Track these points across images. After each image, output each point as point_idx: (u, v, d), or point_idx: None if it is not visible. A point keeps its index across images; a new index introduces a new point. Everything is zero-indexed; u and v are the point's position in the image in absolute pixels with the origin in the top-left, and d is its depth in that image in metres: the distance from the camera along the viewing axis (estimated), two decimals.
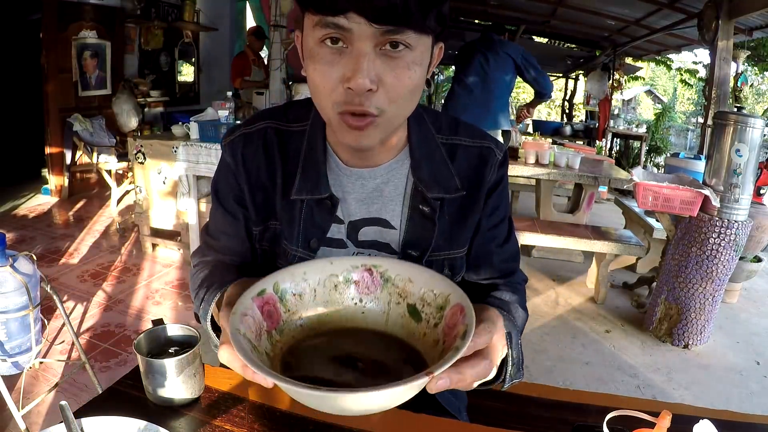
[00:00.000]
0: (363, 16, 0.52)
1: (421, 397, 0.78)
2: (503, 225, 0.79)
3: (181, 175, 2.87)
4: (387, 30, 0.53)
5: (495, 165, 0.75)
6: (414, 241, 0.73)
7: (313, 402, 0.45)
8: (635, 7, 4.41)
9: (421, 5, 0.53)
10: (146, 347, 0.67)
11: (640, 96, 17.66)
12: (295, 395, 0.45)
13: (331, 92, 0.58)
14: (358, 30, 0.53)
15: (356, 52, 0.55)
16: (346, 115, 0.58)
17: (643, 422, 0.57)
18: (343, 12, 0.53)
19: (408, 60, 0.56)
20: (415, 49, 0.56)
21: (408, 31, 0.54)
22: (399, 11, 0.52)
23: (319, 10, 0.54)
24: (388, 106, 0.58)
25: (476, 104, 3.47)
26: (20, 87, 4.73)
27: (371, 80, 0.55)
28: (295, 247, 0.74)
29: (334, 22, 0.53)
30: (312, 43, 0.57)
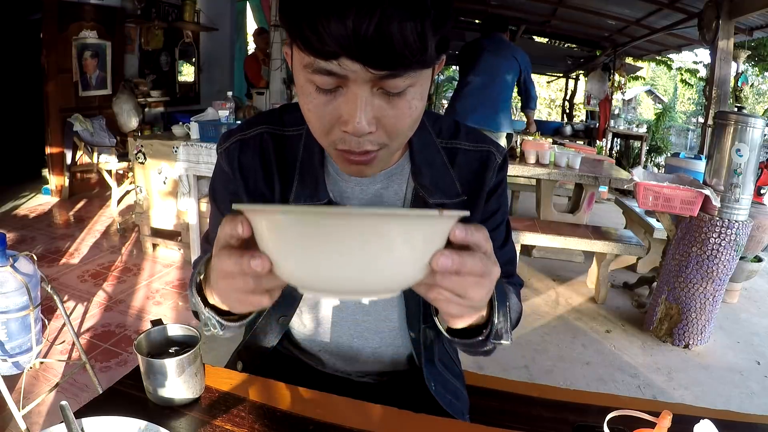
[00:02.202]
0: (358, 62, 0.47)
1: (422, 398, 0.78)
2: (501, 228, 0.79)
3: (182, 175, 2.87)
4: (385, 74, 0.49)
5: (495, 169, 0.75)
6: None
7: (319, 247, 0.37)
8: (635, 7, 4.41)
9: (421, 40, 0.47)
10: (146, 347, 0.67)
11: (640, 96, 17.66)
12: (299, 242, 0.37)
13: (327, 133, 0.55)
14: (352, 75, 0.49)
15: (352, 94, 0.50)
16: (344, 152, 0.56)
17: (643, 422, 0.57)
18: (335, 57, 0.47)
19: (409, 97, 0.53)
20: (416, 84, 0.52)
21: (409, 71, 0.50)
22: (397, 51, 0.46)
23: (307, 49, 0.49)
24: (389, 141, 0.56)
25: (484, 105, 3.47)
26: (20, 87, 4.73)
27: (369, 122, 0.52)
28: None
29: (326, 68, 0.49)
30: (302, 80, 0.53)
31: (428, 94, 0.59)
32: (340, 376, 0.85)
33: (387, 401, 0.70)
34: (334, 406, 0.68)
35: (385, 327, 0.79)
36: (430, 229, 0.39)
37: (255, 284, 0.43)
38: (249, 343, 0.83)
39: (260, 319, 0.80)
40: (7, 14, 4.45)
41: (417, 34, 0.47)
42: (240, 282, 0.43)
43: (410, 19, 0.46)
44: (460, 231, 0.41)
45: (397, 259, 0.38)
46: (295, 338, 0.84)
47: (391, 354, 0.81)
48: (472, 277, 0.43)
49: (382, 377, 0.85)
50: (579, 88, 8.75)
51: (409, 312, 0.76)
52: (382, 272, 0.38)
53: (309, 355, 0.84)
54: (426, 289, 0.44)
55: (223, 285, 0.45)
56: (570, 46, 7.58)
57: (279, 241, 0.39)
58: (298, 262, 0.38)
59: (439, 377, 0.82)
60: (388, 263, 0.38)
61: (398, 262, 0.38)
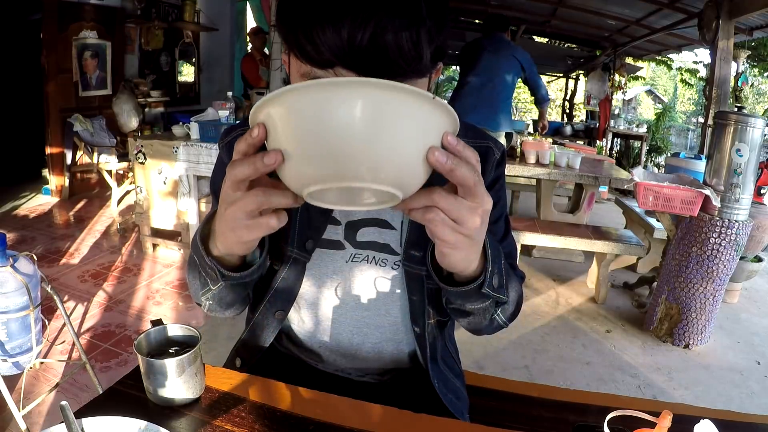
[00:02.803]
0: (353, 72, 0.48)
1: (422, 398, 0.79)
2: (500, 222, 0.79)
3: (182, 175, 2.87)
4: None
5: (494, 163, 0.76)
6: (416, 241, 0.73)
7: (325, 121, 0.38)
8: (635, 7, 4.41)
9: (417, 50, 0.47)
10: (147, 347, 0.67)
11: (640, 96, 17.67)
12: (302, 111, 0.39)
13: None
14: None
15: None
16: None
17: (643, 422, 0.57)
18: (330, 66, 0.48)
19: None
20: None
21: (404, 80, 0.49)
22: (393, 62, 0.47)
23: (303, 58, 0.49)
24: None
25: (484, 104, 3.48)
26: (21, 87, 4.73)
27: None
28: (291, 248, 0.74)
29: (323, 77, 0.49)
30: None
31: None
32: (340, 376, 0.85)
33: (387, 401, 0.70)
34: (334, 406, 0.68)
35: (385, 321, 0.79)
36: (425, 108, 0.40)
37: (264, 198, 0.45)
38: (247, 340, 0.83)
39: (257, 314, 0.80)
40: (7, 14, 4.46)
41: (412, 43, 0.47)
42: (250, 199, 0.45)
43: (405, 28, 0.46)
44: (453, 138, 0.42)
45: (395, 135, 0.39)
46: (295, 335, 0.84)
47: (391, 350, 0.81)
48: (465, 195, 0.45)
49: (383, 377, 0.85)
50: (579, 88, 8.76)
51: (413, 306, 0.76)
52: (384, 152, 0.39)
53: (308, 352, 0.84)
54: (423, 211, 0.45)
55: (233, 210, 0.47)
56: (570, 46, 7.58)
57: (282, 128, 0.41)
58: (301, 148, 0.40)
59: (441, 376, 0.82)
60: (388, 139, 0.39)
61: (396, 139, 0.40)
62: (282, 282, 0.76)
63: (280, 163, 0.42)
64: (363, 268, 0.76)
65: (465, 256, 0.52)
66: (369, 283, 0.77)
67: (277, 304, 0.78)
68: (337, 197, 0.45)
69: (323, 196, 0.44)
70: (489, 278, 0.58)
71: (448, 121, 0.42)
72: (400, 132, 0.40)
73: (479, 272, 0.58)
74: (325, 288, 0.77)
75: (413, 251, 0.73)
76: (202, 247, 0.59)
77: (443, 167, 0.42)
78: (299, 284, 0.77)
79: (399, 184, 0.42)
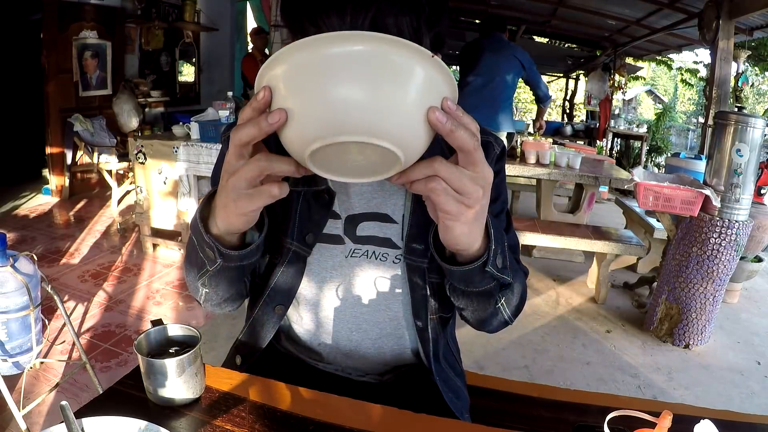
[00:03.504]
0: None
1: (422, 397, 0.78)
2: (502, 217, 0.79)
3: (182, 175, 2.87)
4: None
5: (494, 158, 0.76)
6: (418, 235, 0.73)
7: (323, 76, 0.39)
8: (636, 7, 4.41)
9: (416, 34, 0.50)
10: (147, 347, 0.67)
11: (640, 96, 17.66)
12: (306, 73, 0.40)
13: None
14: None
15: None
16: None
17: (643, 422, 0.57)
18: None
19: None
20: None
21: None
22: None
23: None
24: None
25: (485, 104, 3.49)
26: (21, 87, 4.73)
27: None
28: (291, 241, 0.74)
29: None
30: None
31: None
32: (340, 376, 0.84)
33: (387, 401, 0.70)
34: (334, 406, 0.68)
35: (385, 317, 0.79)
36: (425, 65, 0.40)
37: (266, 163, 0.45)
38: (247, 337, 0.83)
39: (257, 310, 0.80)
40: (8, 14, 4.46)
41: (412, 29, 0.49)
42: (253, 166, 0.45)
43: (405, 14, 0.49)
44: (452, 103, 0.43)
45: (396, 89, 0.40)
46: (295, 334, 0.84)
47: (392, 346, 0.81)
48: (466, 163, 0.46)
49: (383, 377, 0.85)
50: (579, 88, 8.75)
51: (415, 300, 0.76)
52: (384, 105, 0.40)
53: (308, 350, 0.84)
54: (425, 181, 0.46)
55: (235, 180, 0.47)
56: (570, 46, 7.58)
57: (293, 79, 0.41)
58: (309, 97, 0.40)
59: (442, 374, 0.82)
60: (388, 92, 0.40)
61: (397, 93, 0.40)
62: (282, 276, 0.76)
63: (284, 122, 0.42)
64: (363, 264, 0.76)
65: (468, 231, 0.52)
66: (369, 278, 0.77)
67: (276, 299, 0.78)
68: (339, 164, 0.45)
69: (325, 162, 0.44)
70: (492, 257, 0.57)
71: (447, 85, 0.43)
72: (399, 85, 0.40)
73: (482, 251, 0.58)
74: (325, 284, 0.77)
75: (415, 244, 0.73)
76: (202, 225, 0.58)
77: (443, 127, 0.42)
78: (299, 279, 0.76)
79: (399, 142, 0.42)
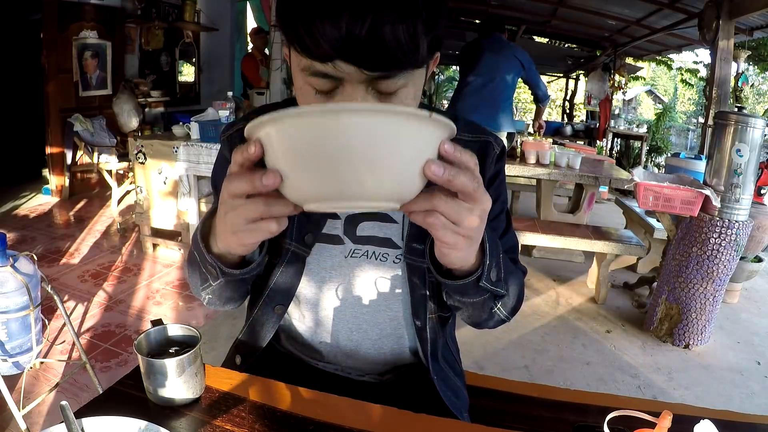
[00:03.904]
0: (353, 65, 0.49)
1: (422, 397, 0.79)
2: (501, 217, 0.79)
3: (182, 175, 2.87)
4: (380, 75, 0.50)
5: (493, 158, 0.76)
6: (418, 235, 0.73)
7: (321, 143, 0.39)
8: (636, 7, 4.41)
9: (413, 41, 0.49)
10: (147, 347, 0.67)
11: (640, 96, 17.67)
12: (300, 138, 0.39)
13: None
14: (348, 77, 0.51)
15: (347, 95, 0.52)
16: None
17: (643, 422, 0.57)
18: (330, 60, 0.49)
19: (403, 97, 0.54)
20: (410, 84, 0.54)
21: (401, 72, 0.51)
22: (391, 53, 0.48)
23: (303, 52, 0.51)
24: None
25: (485, 104, 3.49)
26: (21, 87, 4.73)
27: None
28: (290, 241, 0.74)
29: (322, 70, 0.51)
30: (300, 82, 0.55)
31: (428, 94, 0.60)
32: (340, 375, 0.85)
33: (387, 400, 0.70)
34: (334, 406, 0.68)
35: (385, 317, 0.79)
36: (418, 129, 0.40)
37: (264, 207, 0.45)
38: (246, 336, 0.83)
39: (256, 310, 0.80)
40: (7, 14, 4.46)
41: (409, 35, 0.48)
42: (251, 207, 0.45)
43: (402, 21, 0.47)
44: (449, 145, 0.43)
45: (389, 156, 0.40)
46: (295, 332, 0.84)
47: (392, 346, 0.81)
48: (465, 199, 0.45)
49: (382, 376, 0.85)
50: (579, 88, 8.75)
51: (415, 300, 0.76)
52: (381, 170, 0.40)
53: (308, 350, 0.84)
54: (424, 215, 0.46)
55: (233, 216, 0.47)
56: (570, 46, 7.57)
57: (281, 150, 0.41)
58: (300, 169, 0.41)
59: (441, 374, 0.82)
60: (381, 159, 0.40)
61: (391, 159, 0.40)
62: (281, 276, 0.76)
63: (279, 184, 0.42)
64: (362, 264, 0.76)
65: (464, 255, 0.53)
66: (369, 279, 0.77)
67: (276, 299, 0.78)
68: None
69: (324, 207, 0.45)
70: (486, 272, 0.58)
71: (444, 130, 0.42)
72: (397, 153, 0.40)
73: (477, 266, 0.59)
74: (324, 284, 0.77)
75: (415, 244, 0.73)
76: (203, 244, 0.59)
77: (440, 179, 0.42)
78: (298, 279, 0.76)
79: (397, 199, 0.43)
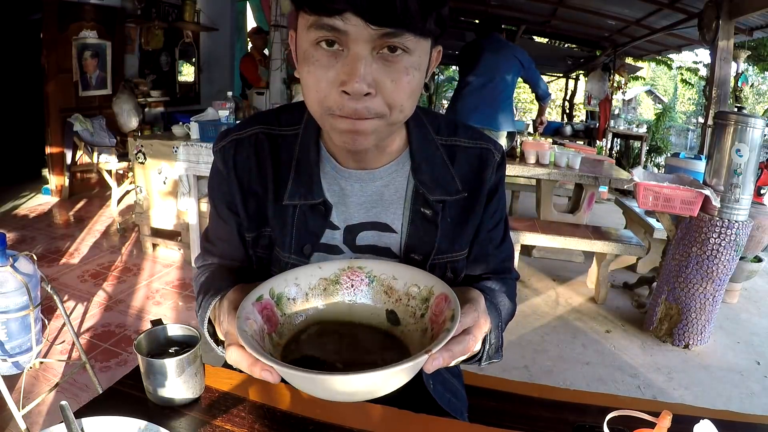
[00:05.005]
0: (360, 17, 0.50)
1: (421, 399, 0.78)
2: (500, 226, 0.79)
3: (182, 175, 2.87)
4: (385, 33, 0.52)
5: (494, 167, 0.75)
6: (416, 245, 0.72)
7: (318, 388, 0.47)
8: (635, 7, 4.41)
9: (421, 7, 0.51)
10: (146, 347, 0.67)
11: (640, 96, 17.66)
12: (304, 382, 0.47)
13: (325, 96, 0.56)
14: (354, 32, 0.52)
15: (353, 55, 0.53)
16: (339, 118, 0.57)
17: (643, 422, 0.57)
18: (339, 13, 0.51)
19: (406, 64, 0.55)
20: (413, 52, 0.55)
21: (407, 34, 0.53)
22: (398, 12, 0.50)
23: (314, 10, 0.52)
24: (387, 110, 0.57)
25: (485, 104, 3.49)
26: (21, 87, 4.73)
27: (368, 84, 0.53)
28: (288, 254, 0.72)
29: (330, 23, 0.52)
30: (306, 45, 0.55)
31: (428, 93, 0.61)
32: None
33: (387, 401, 0.70)
34: (334, 406, 0.68)
35: None
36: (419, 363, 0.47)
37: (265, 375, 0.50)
38: None
39: None
40: (7, 14, 4.45)
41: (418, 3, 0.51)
42: (250, 371, 0.51)
43: None
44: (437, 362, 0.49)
45: (390, 387, 0.48)
46: None
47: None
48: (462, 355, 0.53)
49: None
50: (579, 88, 8.75)
51: None
52: (376, 394, 0.48)
53: None
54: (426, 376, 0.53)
55: (233, 361, 0.53)
56: (570, 46, 7.57)
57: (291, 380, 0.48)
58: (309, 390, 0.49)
59: (439, 376, 0.81)
60: (381, 391, 0.48)
61: (392, 387, 0.48)
62: None
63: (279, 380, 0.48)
64: None
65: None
66: None
67: None
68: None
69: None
70: (486, 352, 0.65)
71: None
72: (396, 383, 0.48)
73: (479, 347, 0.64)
74: None
75: (413, 254, 0.72)
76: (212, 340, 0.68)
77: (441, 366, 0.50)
78: None
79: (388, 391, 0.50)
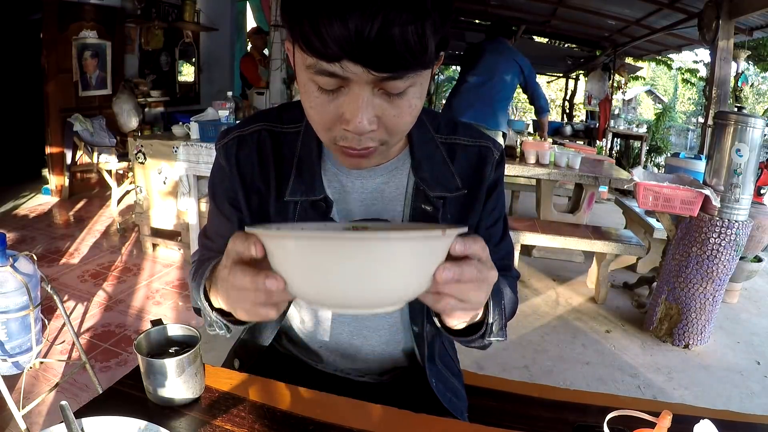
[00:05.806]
0: (360, 65, 0.48)
1: (421, 398, 0.79)
2: (498, 224, 0.79)
3: (182, 175, 2.87)
4: (388, 76, 0.49)
5: (493, 164, 0.76)
6: None
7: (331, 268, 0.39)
8: (635, 7, 4.41)
9: (422, 42, 0.48)
10: (146, 347, 0.67)
11: (640, 96, 17.66)
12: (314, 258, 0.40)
13: (328, 129, 0.56)
14: (355, 77, 0.49)
15: (353, 95, 0.51)
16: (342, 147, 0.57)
17: (643, 422, 0.57)
18: (337, 60, 0.48)
19: (409, 96, 0.54)
20: (416, 84, 0.54)
21: (409, 72, 0.50)
22: (400, 56, 0.47)
23: (310, 51, 0.49)
24: (389, 137, 0.57)
25: (481, 102, 3.50)
26: (21, 87, 4.73)
27: (370, 121, 0.53)
28: None
29: (328, 69, 0.49)
30: (304, 79, 0.54)
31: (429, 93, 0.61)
32: (340, 376, 0.85)
33: (387, 401, 0.70)
34: (334, 406, 0.68)
35: (385, 324, 0.79)
36: (433, 248, 0.43)
37: (266, 298, 0.46)
38: (245, 341, 0.83)
39: None
40: (7, 14, 4.45)
41: (418, 36, 0.47)
42: (251, 296, 0.46)
43: (411, 22, 0.46)
44: (460, 245, 0.45)
45: (403, 276, 0.41)
46: (295, 335, 0.84)
47: (391, 350, 0.81)
48: (472, 283, 0.47)
49: (382, 376, 0.85)
50: (579, 88, 8.75)
51: (413, 307, 0.76)
52: (389, 289, 0.41)
53: (308, 352, 0.84)
54: (433, 300, 0.47)
55: (234, 296, 0.48)
56: (570, 46, 7.57)
57: (291, 263, 0.42)
58: (309, 283, 0.41)
59: (440, 375, 0.82)
60: (394, 280, 0.41)
61: (404, 279, 0.41)
62: None
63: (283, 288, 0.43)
64: None
65: (468, 319, 0.57)
66: None
67: None
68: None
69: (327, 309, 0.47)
70: (490, 328, 0.62)
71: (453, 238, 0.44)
72: (412, 271, 0.41)
73: (481, 319, 0.61)
74: None
75: None
76: (206, 303, 0.61)
77: (449, 282, 0.44)
78: None
79: (404, 302, 0.44)
